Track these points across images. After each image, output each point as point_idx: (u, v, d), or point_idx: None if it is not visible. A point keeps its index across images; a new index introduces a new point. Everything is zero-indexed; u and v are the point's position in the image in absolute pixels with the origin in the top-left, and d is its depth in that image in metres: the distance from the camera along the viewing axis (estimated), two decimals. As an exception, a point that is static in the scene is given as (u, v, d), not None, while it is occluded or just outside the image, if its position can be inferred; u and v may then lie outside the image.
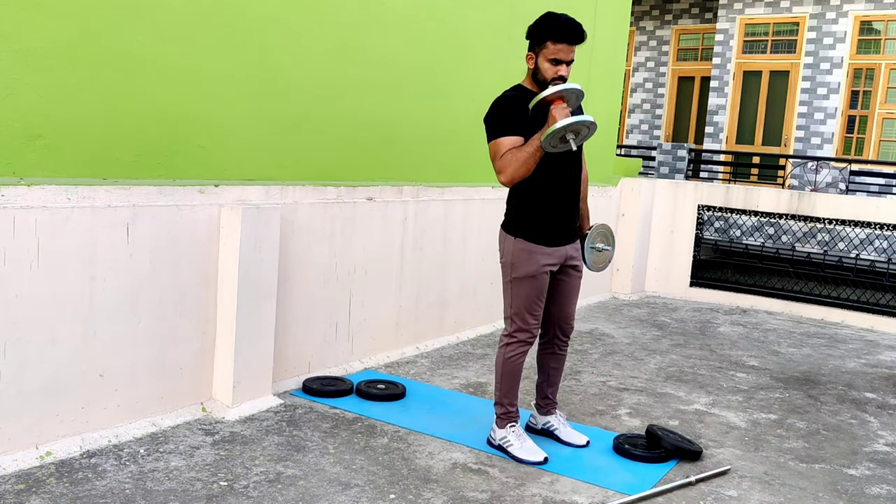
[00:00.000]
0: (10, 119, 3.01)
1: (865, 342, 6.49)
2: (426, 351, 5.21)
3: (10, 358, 3.01)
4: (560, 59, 3.23)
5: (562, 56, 3.23)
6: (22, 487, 2.90)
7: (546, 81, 3.27)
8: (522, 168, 3.23)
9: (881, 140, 12.15)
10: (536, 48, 3.28)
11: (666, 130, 14.40)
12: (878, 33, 12.08)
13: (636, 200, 7.74)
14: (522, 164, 3.22)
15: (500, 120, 3.30)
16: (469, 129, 5.54)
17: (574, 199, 3.48)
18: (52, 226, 3.08)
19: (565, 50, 3.23)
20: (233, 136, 3.87)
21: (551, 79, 3.25)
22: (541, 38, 3.25)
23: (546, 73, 3.26)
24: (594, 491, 3.22)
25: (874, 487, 3.46)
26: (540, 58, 3.27)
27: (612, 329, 6.33)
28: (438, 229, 5.27)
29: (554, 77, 3.25)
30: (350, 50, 4.46)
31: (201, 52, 3.65)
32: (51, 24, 3.08)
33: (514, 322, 3.44)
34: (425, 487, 3.14)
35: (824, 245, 7.90)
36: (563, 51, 3.22)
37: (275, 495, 2.97)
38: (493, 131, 3.31)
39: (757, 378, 5.12)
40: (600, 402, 4.41)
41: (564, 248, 3.47)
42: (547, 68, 3.26)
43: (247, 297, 3.76)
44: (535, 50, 3.29)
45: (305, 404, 4.01)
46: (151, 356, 3.52)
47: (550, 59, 3.24)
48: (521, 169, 3.23)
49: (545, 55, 3.25)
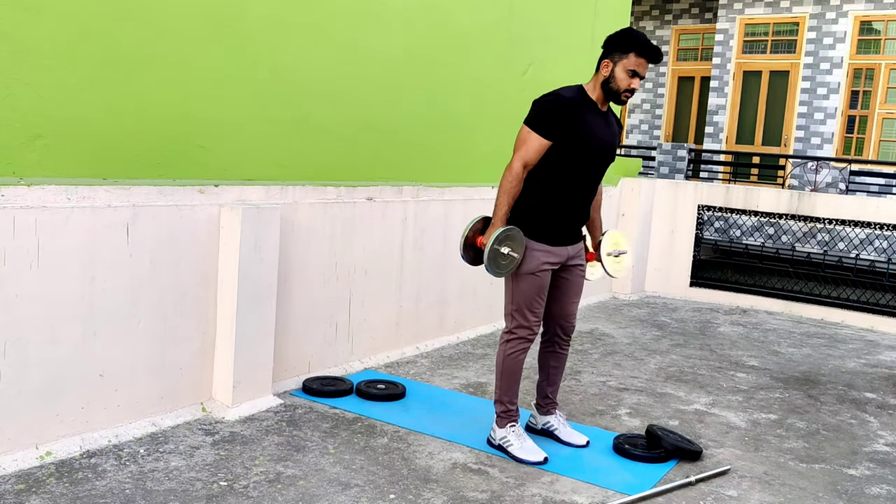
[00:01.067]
0: (10, 119, 3.01)
1: (865, 342, 6.49)
2: (426, 351, 5.21)
3: (10, 358, 3.01)
4: (638, 72, 3.29)
5: (641, 70, 3.29)
6: (22, 487, 2.90)
7: (618, 91, 3.31)
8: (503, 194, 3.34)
9: (881, 140, 12.15)
10: (617, 56, 3.30)
11: (666, 130, 14.40)
12: (878, 33, 12.08)
13: (636, 200, 7.74)
14: (503, 193, 3.33)
15: (544, 117, 3.31)
16: (469, 128, 5.55)
17: (585, 206, 3.51)
18: (52, 226, 3.08)
19: (644, 65, 3.30)
20: (233, 136, 3.87)
21: (623, 90, 3.30)
22: (626, 48, 3.28)
23: (621, 84, 3.30)
24: (594, 491, 3.22)
25: (874, 487, 3.46)
26: (618, 67, 3.30)
27: (612, 329, 6.33)
28: (438, 229, 5.27)
29: (626, 88, 3.30)
30: (350, 50, 4.46)
31: (201, 52, 3.65)
32: (51, 24, 3.08)
33: (514, 319, 3.45)
34: (425, 487, 3.14)
35: (824, 245, 7.90)
36: (643, 65, 3.29)
37: (275, 495, 2.97)
38: (533, 121, 3.33)
39: (757, 378, 5.12)
40: (600, 402, 4.41)
41: (566, 248, 3.48)
42: (623, 78, 3.30)
43: (247, 298, 3.76)
44: (614, 58, 3.31)
45: (305, 404, 4.01)
46: (151, 356, 3.52)
47: (630, 70, 3.28)
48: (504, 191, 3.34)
49: (625, 65, 3.28)
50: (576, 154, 3.32)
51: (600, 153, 3.40)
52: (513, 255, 3.31)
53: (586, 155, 3.35)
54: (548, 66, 6.17)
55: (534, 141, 3.29)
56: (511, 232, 3.30)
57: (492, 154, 5.52)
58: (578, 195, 3.44)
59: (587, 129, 3.31)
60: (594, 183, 3.48)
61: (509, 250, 3.29)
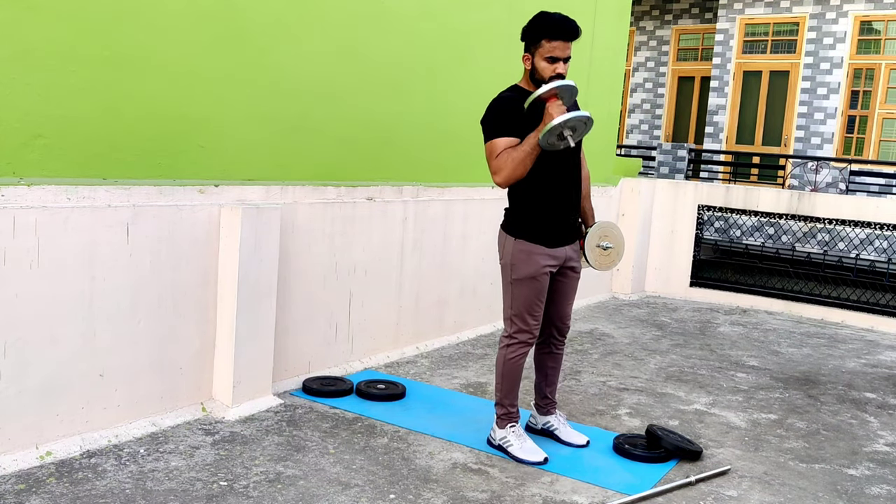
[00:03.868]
0: (10, 119, 3.01)
1: (865, 342, 6.49)
2: (426, 351, 5.21)
3: (10, 358, 3.01)
4: (556, 56, 3.22)
5: (558, 53, 3.22)
6: (22, 487, 2.90)
7: (544, 81, 3.25)
8: (520, 168, 3.23)
9: (881, 140, 12.15)
10: (532, 48, 3.27)
11: (666, 130, 14.39)
12: (878, 33, 12.08)
13: (636, 200, 7.74)
14: (519, 163, 3.22)
15: (495, 121, 3.29)
16: (469, 129, 5.52)
17: (574, 200, 3.47)
18: (52, 226, 3.08)
19: (561, 47, 3.22)
20: (233, 136, 3.87)
21: (549, 77, 3.24)
22: (535, 37, 3.24)
23: (543, 73, 3.25)
24: (594, 491, 3.22)
25: (874, 487, 3.46)
26: (536, 57, 3.26)
27: (612, 329, 6.33)
28: (438, 229, 5.27)
29: (552, 75, 3.23)
30: (350, 50, 4.46)
31: (201, 52, 3.65)
32: (51, 24, 3.08)
33: (514, 323, 3.44)
34: (425, 487, 3.14)
35: (824, 245, 7.90)
36: (558, 48, 3.21)
37: (275, 495, 2.97)
38: (489, 132, 3.31)
39: (757, 378, 5.12)
40: (600, 402, 4.41)
41: (564, 249, 3.46)
42: (544, 67, 3.24)
43: (247, 297, 3.76)
44: (530, 50, 3.29)
45: (305, 404, 4.01)
46: (151, 356, 3.52)
47: (547, 57, 3.23)
48: (517, 169, 3.23)
49: (541, 54, 3.24)
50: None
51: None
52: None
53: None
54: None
55: (501, 143, 3.26)
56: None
57: (492, 154, 5.52)
58: (561, 185, 3.38)
59: (531, 121, 3.25)
60: (572, 169, 3.42)
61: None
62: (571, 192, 3.45)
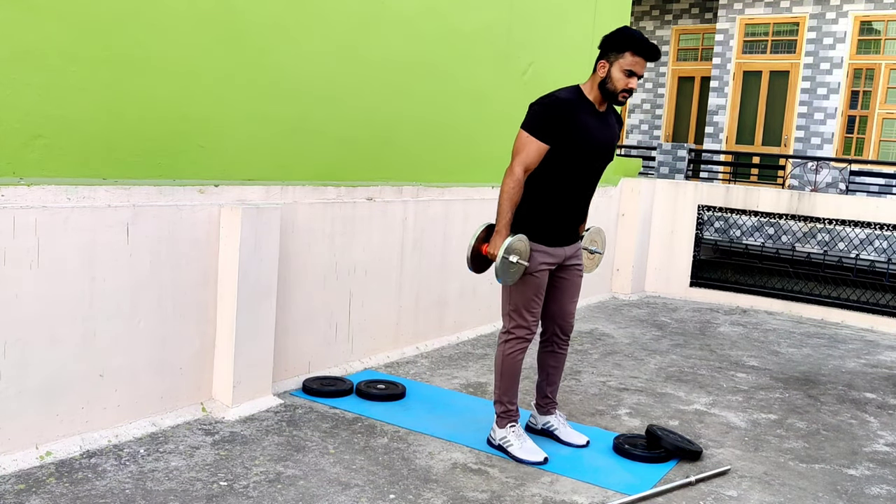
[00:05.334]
0: (10, 119, 3.01)
1: (865, 342, 6.49)
2: (426, 351, 5.21)
3: (10, 358, 3.01)
4: (635, 71, 3.27)
5: (637, 69, 3.27)
6: (22, 487, 2.90)
7: (615, 91, 3.29)
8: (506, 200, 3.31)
9: (881, 140, 12.15)
10: (612, 56, 3.28)
11: (666, 130, 14.39)
12: (878, 33, 12.08)
13: (636, 200, 7.74)
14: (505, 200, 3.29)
15: (541, 121, 3.28)
16: (469, 129, 5.55)
17: (584, 206, 3.52)
18: (52, 226, 3.08)
19: (642, 63, 3.27)
20: (233, 136, 3.87)
21: (620, 90, 3.28)
22: (621, 47, 3.25)
23: (617, 84, 3.28)
24: (594, 491, 3.22)
25: (874, 487, 3.46)
26: (614, 66, 3.28)
27: (612, 329, 6.33)
28: (438, 229, 5.27)
29: (624, 88, 3.28)
30: (350, 50, 4.46)
31: (201, 52, 3.65)
32: (51, 24, 3.08)
33: (512, 319, 3.45)
34: (425, 487, 3.14)
35: (824, 245, 7.90)
36: (639, 64, 3.26)
37: (275, 495, 2.97)
38: (530, 125, 3.30)
39: (757, 378, 5.12)
40: (600, 402, 4.41)
41: (564, 248, 3.48)
42: (619, 78, 3.27)
43: (246, 297, 3.76)
44: (610, 58, 3.29)
45: (305, 404, 4.01)
46: (151, 356, 3.52)
47: (626, 69, 3.26)
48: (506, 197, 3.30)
49: (621, 65, 3.26)
50: (573, 156, 3.32)
51: (597, 155, 3.40)
52: (521, 262, 3.30)
53: (583, 157, 3.35)
54: (548, 67, 6.17)
55: (532, 145, 3.28)
56: (518, 240, 3.28)
57: (492, 154, 5.52)
58: (577, 196, 3.44)
59: (584, 132, 3.30)
60: (592, 183, 3.48)
61: (518, 258, 3.27)
62: (584, 201, 3.51)
